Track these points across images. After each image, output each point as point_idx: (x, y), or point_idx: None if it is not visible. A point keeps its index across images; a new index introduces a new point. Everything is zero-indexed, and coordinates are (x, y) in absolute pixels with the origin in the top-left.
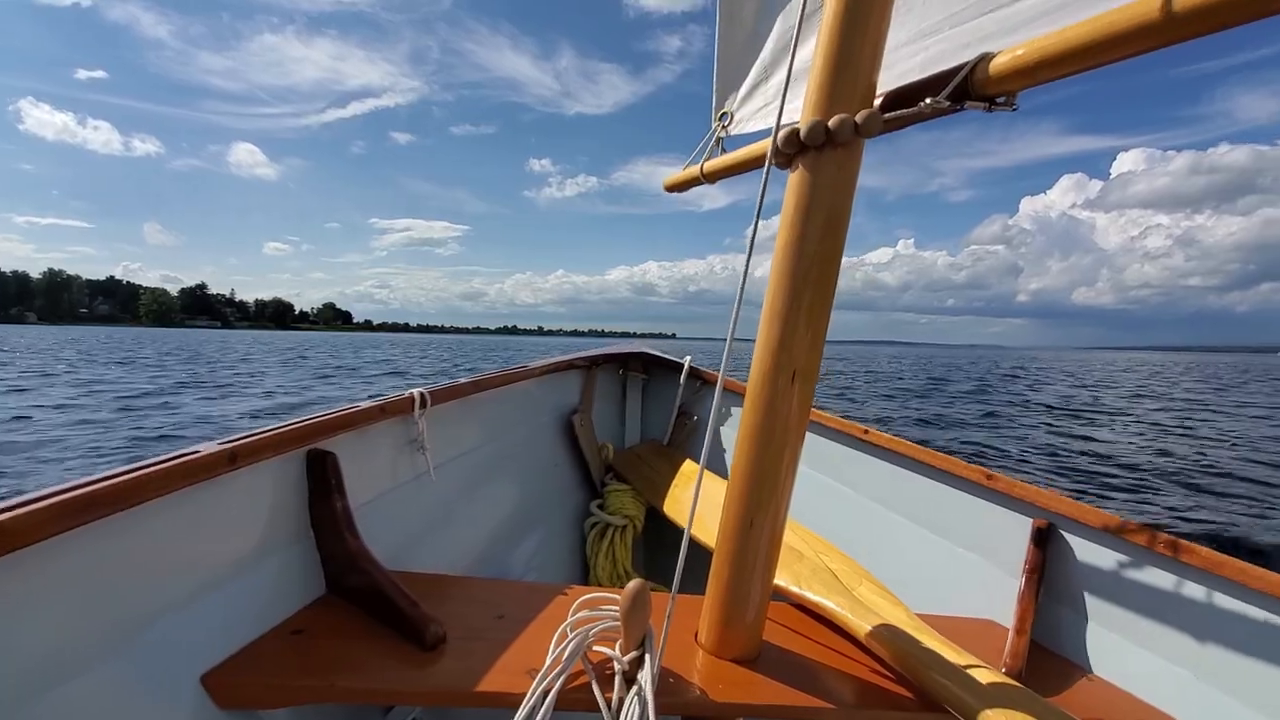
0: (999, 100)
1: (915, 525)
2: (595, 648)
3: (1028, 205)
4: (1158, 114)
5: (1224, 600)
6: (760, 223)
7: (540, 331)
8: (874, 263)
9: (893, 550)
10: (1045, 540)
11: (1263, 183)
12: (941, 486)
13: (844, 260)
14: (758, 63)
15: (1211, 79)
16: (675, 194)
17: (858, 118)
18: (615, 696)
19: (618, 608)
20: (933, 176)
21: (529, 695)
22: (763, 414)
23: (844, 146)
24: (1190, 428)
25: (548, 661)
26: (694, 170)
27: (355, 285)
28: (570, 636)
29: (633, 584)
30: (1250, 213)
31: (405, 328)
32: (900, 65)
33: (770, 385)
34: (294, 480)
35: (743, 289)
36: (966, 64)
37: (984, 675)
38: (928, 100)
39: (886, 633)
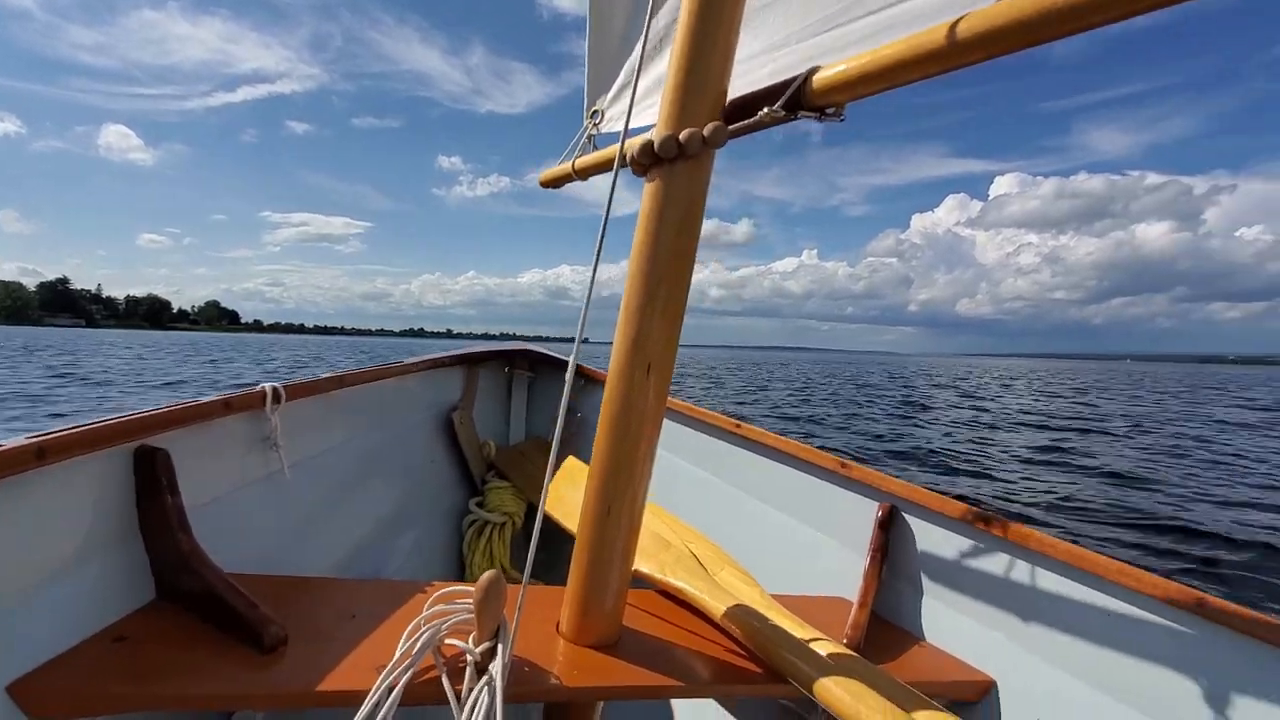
0: (828, 111)
1: (779, 512)
2: (450, 641)
3: (918, 221)
4: (1029, 143)
5: (1036, 572)
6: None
7: (449, 334)
8: (781, 271)
9: (758, 535)
10: (889, 522)
11: (1115, 208)
12: (803, 475)
13: (754, 269)
14: (627, 64)
15: (1073, 114)
16: (584, 196)
17: (705, 131)
18: (465, 688)
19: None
20: (834, 191)
21: (373, 691)
22: (620, 405)
23: (695, 158)
24: (1039, 424)
25: (395, 656)
26: (566, 166)
27: (244, 282)
28: (422, 630)
29: (486, 575)
30: (1105, 234)
31: (300, 329)
32: (754, 74)
33: (627, 378)
34: (119, 479)
35: (592, 284)
36: (798, 77)
37: (824, 647)
38: (765, 109)
39: (740, 613)
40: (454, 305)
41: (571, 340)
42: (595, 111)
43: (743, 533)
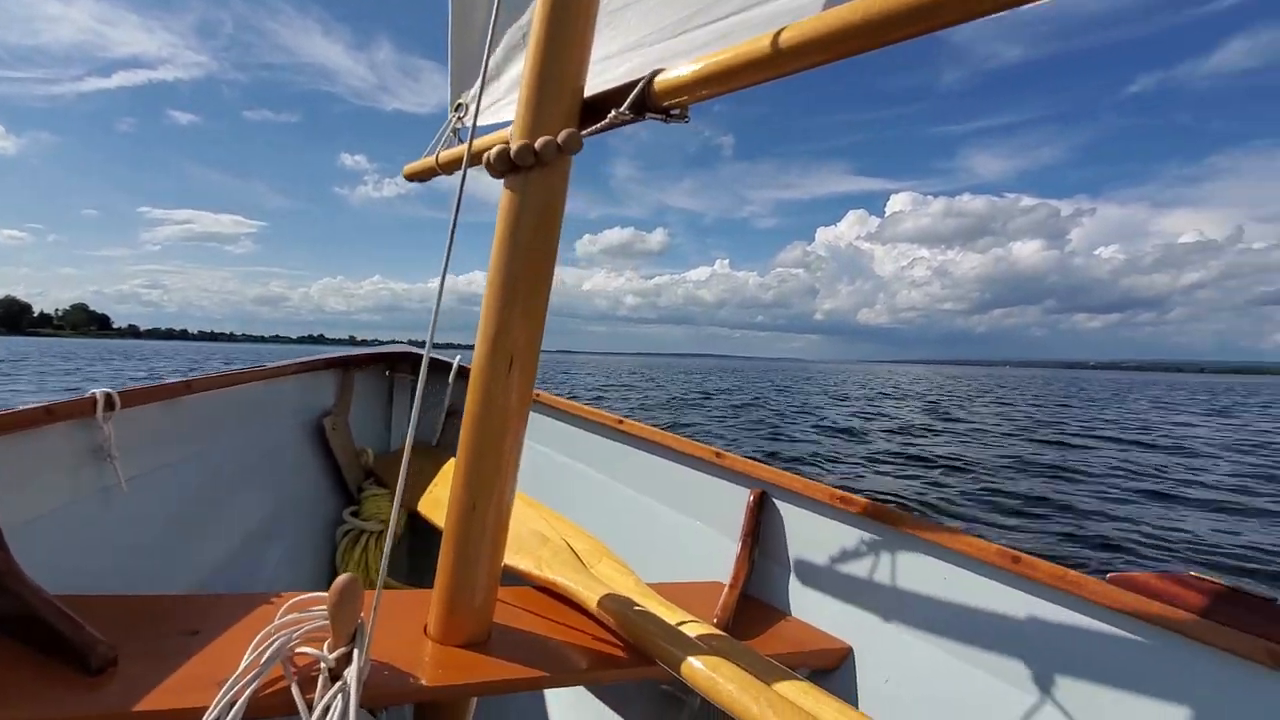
0: (673, 112)
1: (658, 503)
2: (302, 649)
3: (822, 235)
4: (921, 164)
5: (891, 546)
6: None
7: (352, 341)
8: (694, 280)
9: (638, 527)
10: (760, 507)
11: (994, 226)
12: (680, 467)
13: (668, 277)
14: (492, 60)
15: (959, 139)
16: (490, 198)
17: (560, 139)
18: (318, 696)
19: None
20: (744, 204)
21: (213, 706)
22: (483, 400)
23: (551, 163)
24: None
25: (240, 668)
26: (430, 160)
27: (118, 284)
28: (271, 639)
29: (341, 578)
30: (986, 251)
31: (183, 334)
32: (611, 72)
33: (489, 373)
34: None
35: (443, 283)
36: (641, 79)
37: (694, 629)
38: (614, 111)
39: (614, 603)
40: (358, 310)
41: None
42: (460, 105)
43: (624, 525)
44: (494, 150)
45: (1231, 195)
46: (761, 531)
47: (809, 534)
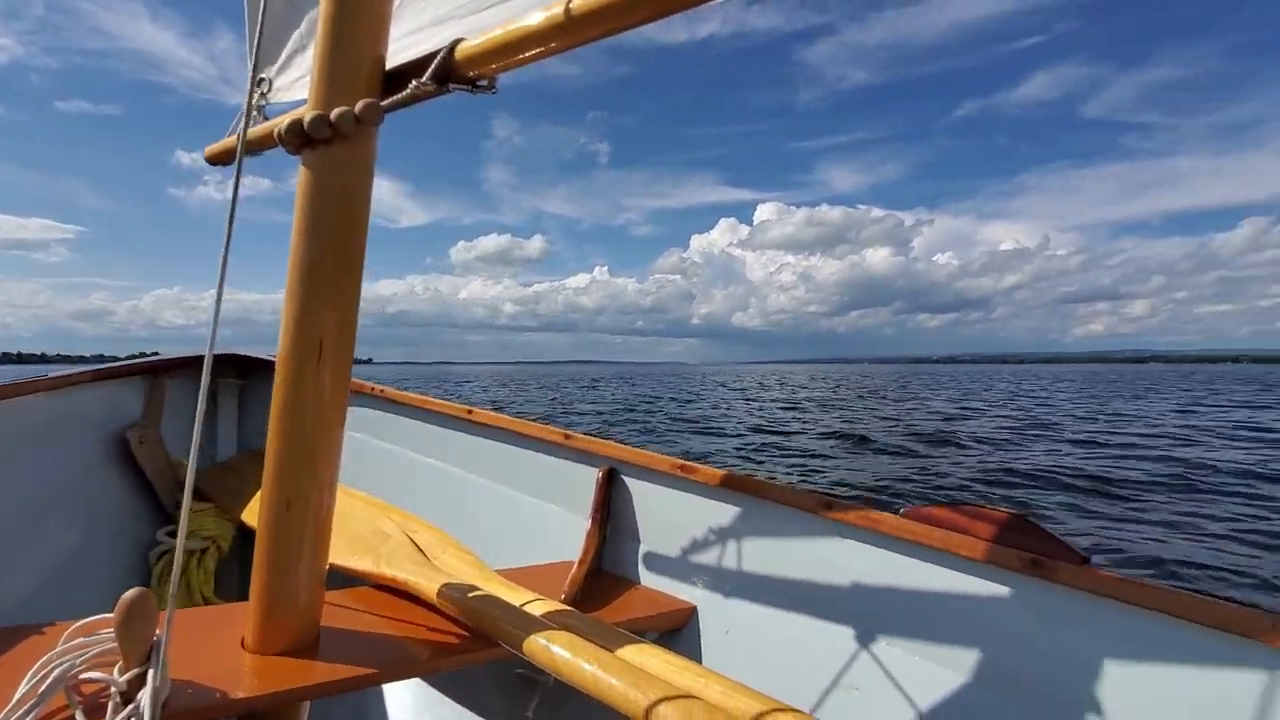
0: (480, 83)
1: (510, 489)
2: (89, 675)
3: (697, 242)
4: (784, 176)
5: (729, 509)
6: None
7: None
8: (574, 287)
9: (492, 514)
10: (610, 483)
11: (850, 235)
12: (530, 452)
13: (548, 284)
14: (297, 32)
15: (816, 154)
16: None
17: (358, 109)
18: None
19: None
20: (620, 211)
21: None
22: (292, 390)
23: (351, 136)
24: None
25: (13, 701)
26: (231, 140)
27: None
28: (52, 667)
29: (128, 594)
30: (844, 257)
31: None
32: (420, 46)
33: (295, 361)
34: None
35: (223, 276)
36: (441, 49)
37: (539, 608)
38: (415, 82)
39: (455, 591)
40: (201, 324)
41: (356, 361)
42: (262, 79)
43: (477, 514)
44: (285, 122)
45: (1039, 209)
46: (612, 507)
47: (656, 505)
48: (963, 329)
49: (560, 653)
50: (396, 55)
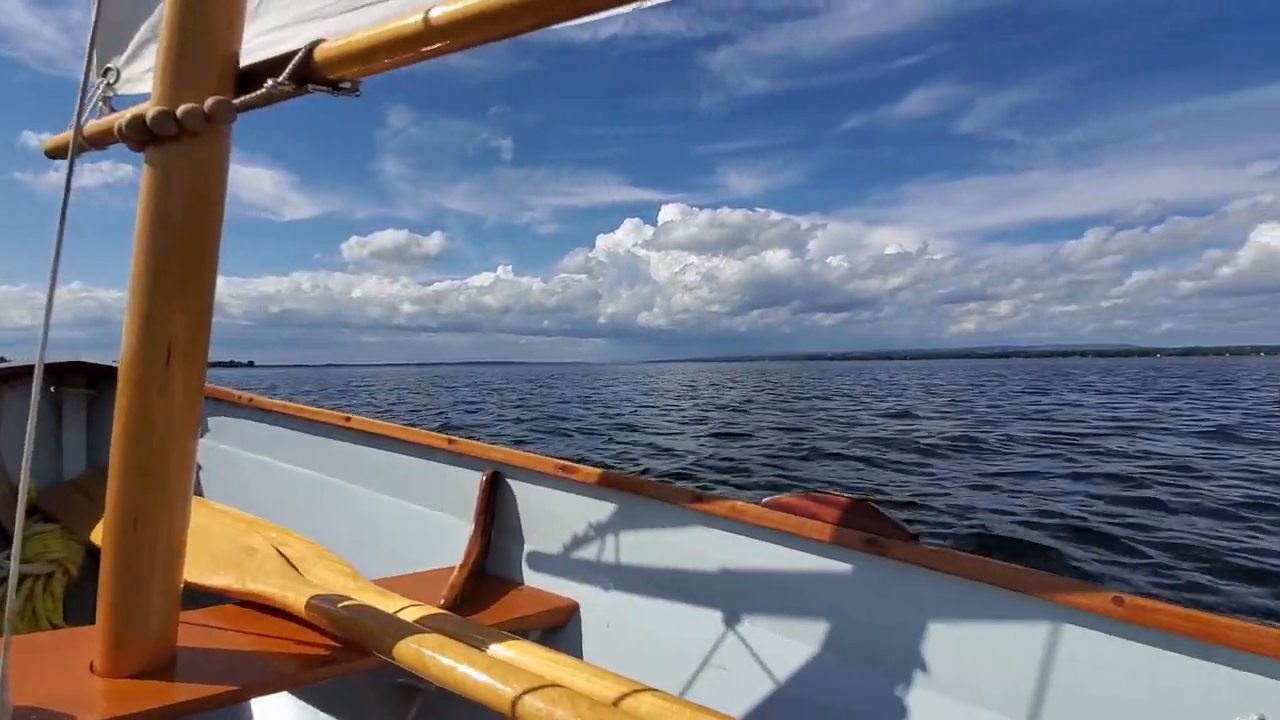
0: (342, 85)
1: (392, 497)
2: None
3: (602, 242)
4: (687, 178)
5: (608, 506)
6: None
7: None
8: (477, 286)
9: (373, 523)
10: (494, 486)
11: (750, 237)
12: (413, 458)
13: (449, 283)
14: (149, 20)
15: (717, 158)
16: (241, 195)
17: (207, 106)
18: None
19: None
20: (524, 209)
21: None
22: (136, 398)
23: (200, 135)
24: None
25: None
26: (69, 135)
27: None
28: None
29: None
30: (745, 258)
31: None
32: (282, 45)
33: (140, 366)
34: None
35: (54, 279)
36: (300, 49)
37: (415, 614)
38: (271, 82)
39: (325, 603)
40: (54, 325)
41: (233, 365)
42: (109, 69)
43: (357, 524)
44: (126, 117)
45: (919, 216)
46: (496, 510)
47: (539, 506)
48: (854, 327)
49: (431, 655)
50: (254, 52)
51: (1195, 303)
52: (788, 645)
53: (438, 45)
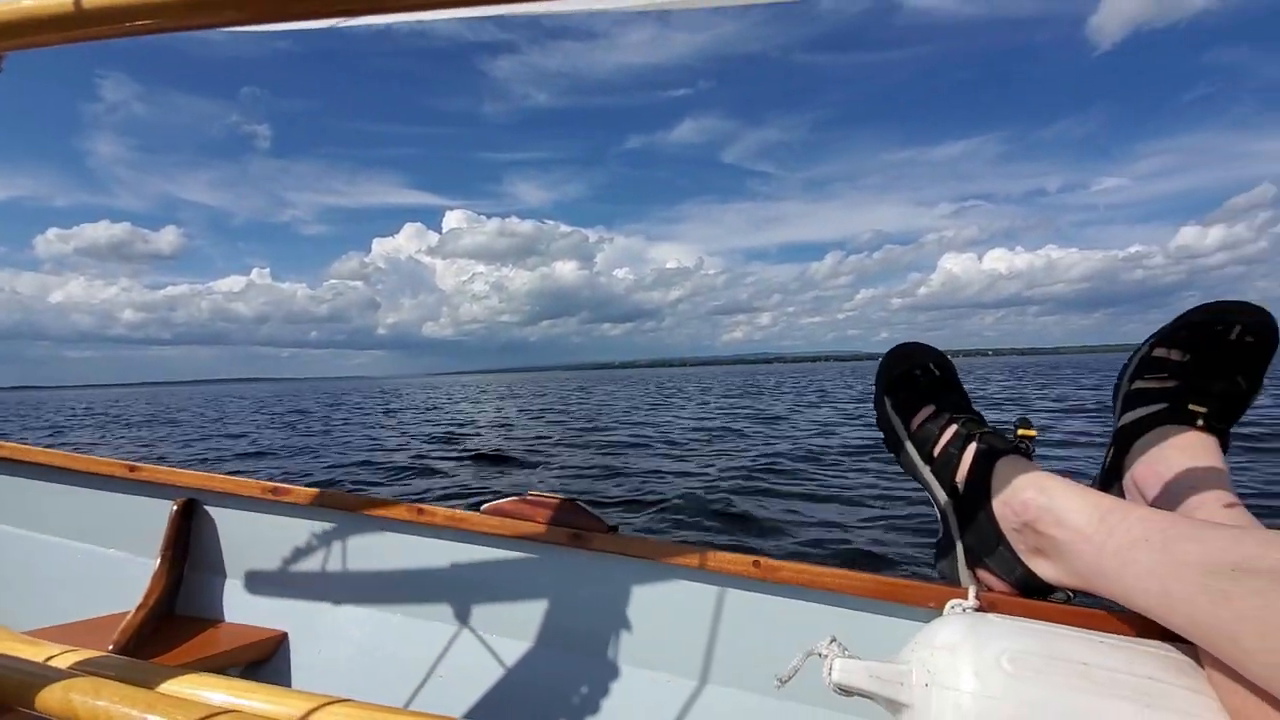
0: None
1: (57, 537)
2: None
3: (380, 246)
4: (472, 185)
5: (325, 527)
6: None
7: None
8: (225, 291)
9: (29, 570)
10: (188, 516)
11: (540, 247)
12: (87, 491)
13: (187, 287)
14: None
15: (504, 166)
16: None
17: None
18: None
19: None
20: (285, 206)
21: None
22: None
23: None
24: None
25: None
26: None
27: None
28: None
29: None
30: (535, 269)
31: None
32: None
33: None
34: None
35: None
36: None
37: (70, 659)
38: None
39: None
40: None
41: None
42: None
43: (5, 571)
44: None
45: (695, 234)
46: (190, 542)
47: (244, 534)
48: (639, 337)
49: (82, 699)
50: None
51: (903, 315)
52: (504, 643)
53: (86, 30)
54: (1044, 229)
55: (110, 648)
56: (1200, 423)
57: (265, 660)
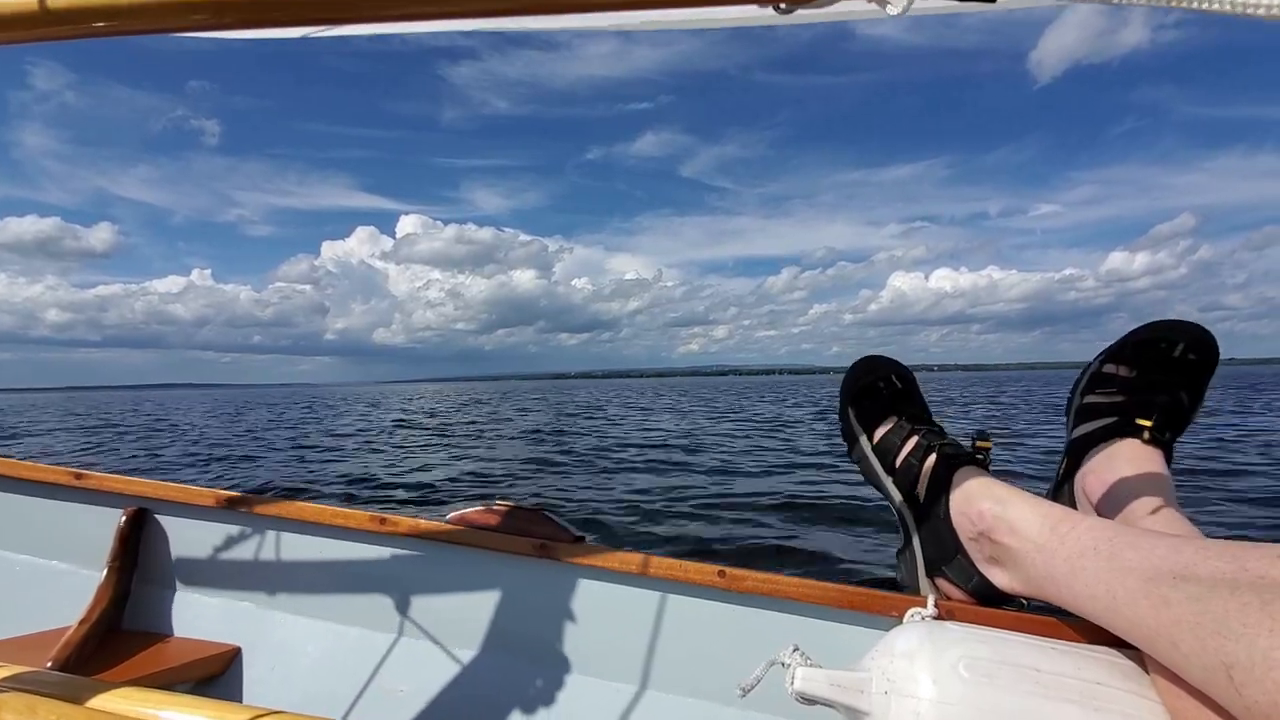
0: None
1: None
2: None
3: (330, 249)
4: (429, 191)
5: (282, 538)
6: None
7: None
8: (162, 292)
9: None
10: (138, 526)
11: (499, 255)
12: (28, 499)
13: (120, 287)
14: None
15: (462, 173)
16: None
17: None
18: None
19: None
20: (230, 206)
21: None
22: None
23: None
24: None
25: None
26: None
27: None
28: None
29: None
30: (492, 276)
31: None
32: None
33: None
34: None
35: None
36: None
37: (0, 675)
38: None
39: None
40: None
41: None
42: None
43: None
44: None
45: (653, 246)
46: (140, 553)
47: (197, 545)
48: (595, 347)
49: (14, 719)
50: None
51: (854, 330)
52: (469, 656)
53: (50, 30)
54: (986, 250)
55: (49, 664)
56: (1146, 435)
57: (217, 676)
